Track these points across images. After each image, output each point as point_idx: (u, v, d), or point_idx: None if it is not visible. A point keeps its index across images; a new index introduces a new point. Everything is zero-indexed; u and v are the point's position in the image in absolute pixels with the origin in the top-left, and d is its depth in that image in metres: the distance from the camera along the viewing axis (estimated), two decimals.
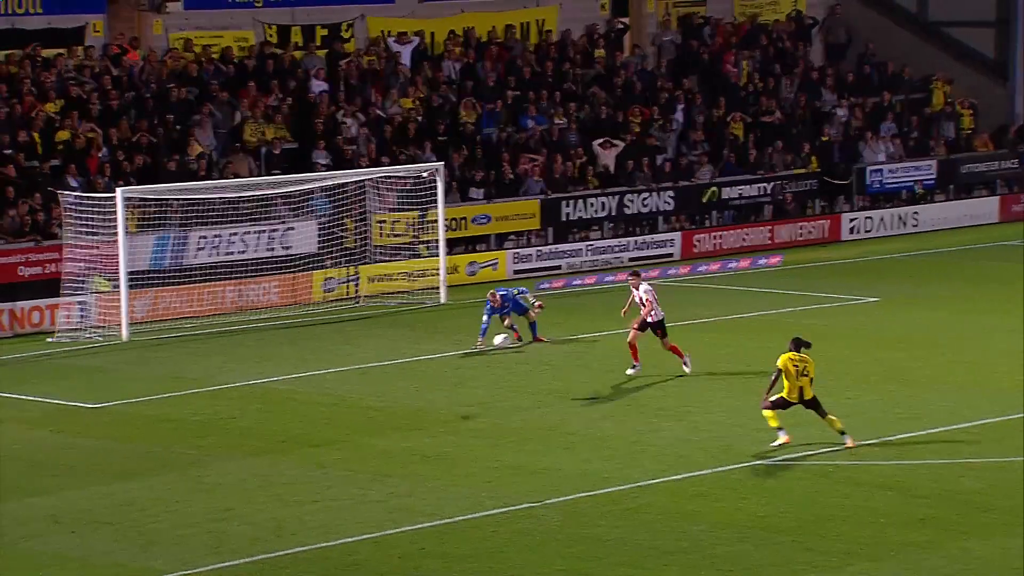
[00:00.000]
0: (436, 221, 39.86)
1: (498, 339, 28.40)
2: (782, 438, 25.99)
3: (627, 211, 45.55)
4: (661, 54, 50.25)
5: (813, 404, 25.89)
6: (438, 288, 39.58)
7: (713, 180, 46.95)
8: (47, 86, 40.66)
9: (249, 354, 34.30)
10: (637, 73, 48.59)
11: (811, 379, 25.81)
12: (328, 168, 41.34)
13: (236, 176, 40.25)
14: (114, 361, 33.96)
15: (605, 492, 24.05)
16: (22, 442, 27.67)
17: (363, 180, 39.88)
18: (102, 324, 36.18)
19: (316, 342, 35.33)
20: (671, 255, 44.99)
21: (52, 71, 41.06)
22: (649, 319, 30.87)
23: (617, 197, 45.35)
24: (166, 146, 40.70)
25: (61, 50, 42.13)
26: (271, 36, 45.44)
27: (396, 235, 40.90)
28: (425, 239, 40.75)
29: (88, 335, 35.88)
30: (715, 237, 46.03)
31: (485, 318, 33.51)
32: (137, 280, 36.75)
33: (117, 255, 35.90)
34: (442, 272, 39.69)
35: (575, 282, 42.06)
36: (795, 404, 25.81)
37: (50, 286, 36.62)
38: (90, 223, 36.31)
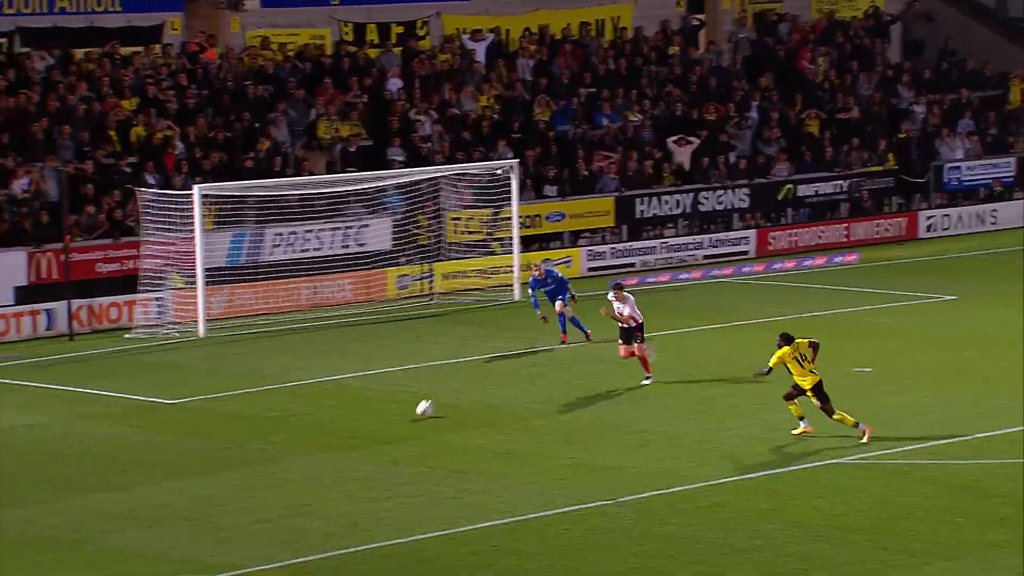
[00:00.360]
0: (510, 218, 39.89)
1: (421, 407, 27.86)
2: (803, 427, 26.26)
3: (702, 208, 45.42)
4: (737, 51, 50.07)
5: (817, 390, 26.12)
6: (512, 285, 39.61)
7: (789, 177, 46.75)
8: (125, 84, 40.99)
9: (323, 351, 34.44)
10: (712, 70, 48.45)
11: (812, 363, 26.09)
12: (403, 165, 41.47)
13: (312, 173, 40.46)
14: (190, 357, 34.20)
15: (678, 490, 23.99)
16: (100, 437, 27.92)
17: (437, 177, 39.96)
18: (179, 320, 36.45)
19: (390, 339, 35.43)
20: (746, 252, 44.84)
21: (130, 69, 41.40)
22: (627, 325, 30.10)
23: (692, 194, 45.23)
24: (242, 143, 40.95)
25: (139, 48, 42.49)
26: (347, 34, 45.65)
27: (470, 232, 40.95)
28: (499, 236, 40.79)
29: (165, 331, 36.16)
30: (791, 235, 45.84)
31: (531, 291, 33.71)
32: (213, 277, 37.00)
33: (194, 252, 36.15)
34: (516, 269, 39.70)
35: (649, 280, 41.98)
36: (807, 391, 25.97)
37: (128, 282, 36.93)
38: (167, 220, 36.58)
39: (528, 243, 41.89)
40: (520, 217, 40.20)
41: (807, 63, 49.75)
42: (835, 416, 26.03)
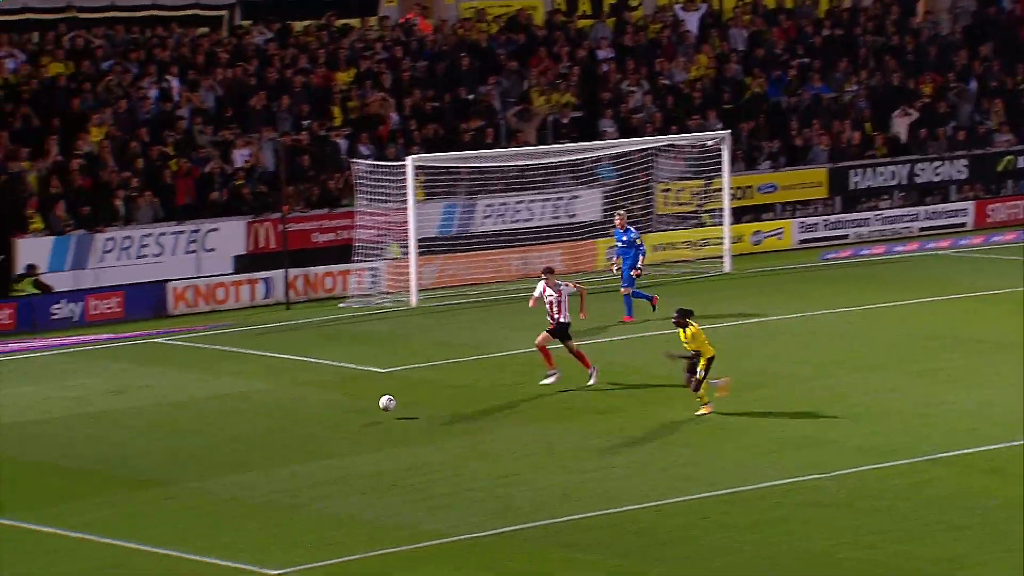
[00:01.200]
0: (721, 190, 39.65)
1: (383, 400, 27.29)
2: (704, 410, 26.28)
3: (918, 180, 44.68)
4: (956, 20, 49.08)
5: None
6: (722, 257, 39.38)
7: (1009, 148, 45.74)
8: (341, 56, 41.52)
9: (533, 322, 34.42)
10: (930, 39, 47.55)
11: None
12: (614, 136, 41.42)
13: (524, 145, 40.62)
14: (402, 327, 34.59)
15: (891, 465, 23.66)
16: (316, 404, 28.39)
17: (648, 148, 39.86)
18: (391, 290, 36.89)
19: (599, 310, 35.39)
20: (963, 225, 44.03)
21: (346, 41, 41.92)
22: (556, 320, 28.78)
23: (908, 166, 44.51)
24: (455, 115, 41.25)
25: (355, 21, 43.00)
26: (559, 4, 45.67)
27: (681, 203, 40.80)
28: (710, 208, 40.56)
29: (378, 301, 36.61)
30: (1010, 207, 44.90)
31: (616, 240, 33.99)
32: (426, 247, 37.37)
33: (407, 222, 36.54)
34: (726, 241, 39.47)
35: (862, 252, 41.44)
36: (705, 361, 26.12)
37: (342, 252, 37.47)
38: (381, 191, 37.02)
39: (739, 215, 41.60)
40: (731, 188, 39.92)
41: None
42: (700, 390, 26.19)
